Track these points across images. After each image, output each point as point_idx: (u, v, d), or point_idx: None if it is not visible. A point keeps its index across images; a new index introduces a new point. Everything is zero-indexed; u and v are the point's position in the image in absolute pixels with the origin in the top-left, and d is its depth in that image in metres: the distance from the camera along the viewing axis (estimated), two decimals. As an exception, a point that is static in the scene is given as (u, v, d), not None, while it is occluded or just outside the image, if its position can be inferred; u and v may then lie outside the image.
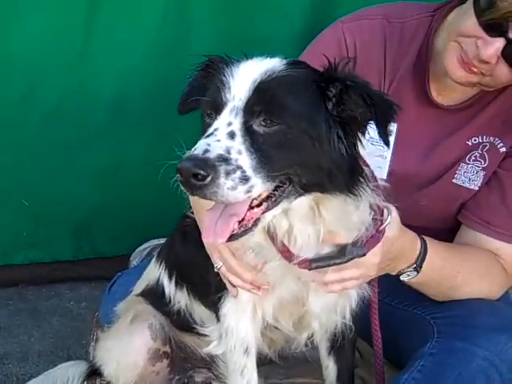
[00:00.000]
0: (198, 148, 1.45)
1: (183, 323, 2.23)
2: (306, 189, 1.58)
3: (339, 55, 2.19)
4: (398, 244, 1.84)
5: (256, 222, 1.56)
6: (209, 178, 1.41)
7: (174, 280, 2.22)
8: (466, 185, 2.18)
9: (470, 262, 2.08)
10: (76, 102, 3.19)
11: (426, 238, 1.96)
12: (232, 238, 1.54)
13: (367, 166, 1.68)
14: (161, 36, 3.17)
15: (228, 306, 1.90)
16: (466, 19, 1.96)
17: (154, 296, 2.29)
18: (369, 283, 1.92)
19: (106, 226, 3.45)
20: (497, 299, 2.14)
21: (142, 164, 3.33)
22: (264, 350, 2.07)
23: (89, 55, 3.14)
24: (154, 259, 2.38)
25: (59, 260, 3.46)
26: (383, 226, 1.73)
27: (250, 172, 1.47)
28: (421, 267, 1.95)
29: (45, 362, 2.87)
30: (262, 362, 2.09)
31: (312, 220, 1.65)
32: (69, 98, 3.18)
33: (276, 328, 1.97)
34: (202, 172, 1.41)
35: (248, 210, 1.54)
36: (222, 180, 1.42)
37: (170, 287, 2.23)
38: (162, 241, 3.24)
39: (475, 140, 2.17)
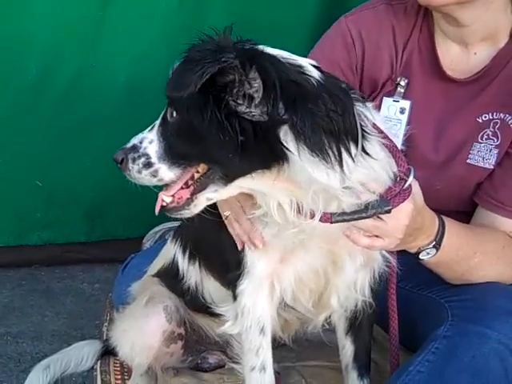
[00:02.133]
0: (131, 140, 1.70)
1: (196, 303, 2.22)
2: (228, 178, 1.62)
3: (346, 49, 2.24)
4: (422, 215, 1.82)
5: (188, 200, 1.68)
6: (122, 165, 1.69)
7: (187, 254, 2.22)
8: (481, 164, 2.15)
9: (487, 242, 2.07)
10: (90, 84, 3.24)
11: (443, 217, 1.94)
12: (168, 211, 1.72)
13: (382, 134, 1.64)
14: (174, 20, 3.20)
15: (245, 284, 1.88)
16: None
17: (169, 276, 2.29)
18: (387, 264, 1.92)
19: (120, 208, 3.50)
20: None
21: None
22: (278, 334, 2.06)
23: (103, 38, 3.19)
24: (169, 239, 2.37)
25: (72, 241, 3.51)
26: (408, 183, 1.69)
27: (154, 159, 1.64)
28: (440, 244, 1.93)
29: (58, 342, 2.91)
30: (275, 346, 2.06)
31: (293, 190, 1.62)
32: (83, 80, 3.23)
33: (292, 309, 1.96)
34: (117, 158, 1.70)
35: (181, 189, 1.67)
36: (129, 165, 1.67)
37: (183, 263, 2.23)
38: (175, 224, 3.24)
39: (485, 117, 2.15)
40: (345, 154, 1.55)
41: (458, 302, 2.02)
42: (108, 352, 2.44)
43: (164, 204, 1.71)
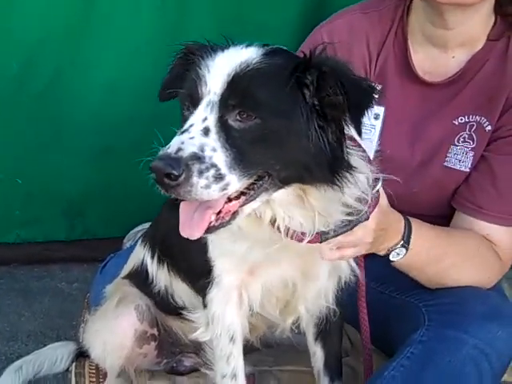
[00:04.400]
0: (172, 146, 1.43)
1: (167, 306, 2.21)
2: (284, 182, 1.55)
3: None
4: (387, 215, 1.82)
5: (234, 214, 1.55)
6: (181, 178, 1.40)
7: (155, 258, 2.20)
8: (457, 167, 2.17)
9: (459, 243, 2.07)
10: (71, 82, 3.19)
11: (409, 217, 1.93)
12: (209, 230, 1.53)
13: (359, 145, 1.64)
14: (159, 21, 3.16)
15: (214, 292, 1.88)
16: None
17: (139, 278, 2.27)
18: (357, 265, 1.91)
19: (100, 207, 3.44)
20: (490, 288, 2.11)
21: (136, 146, 3.15)
22: (245, 337, 2.03)
23: (86, 36, 3.14)
24: (139, 241, 2.36)
25: (52, 240, 3.47)
26: (375, 190, 1.70)
27: (224, 170, 1.45)
28: (408, 243, 1.92)
29: (34, 342, 2.88)
30: (247, 350, 2.06)
31: (302, 207, 1.62)
32: (64, 78, 3.18)
33: (258, 314, 1.95)
34: (174, 172, 1.39)
35: (226, 202, 1.52)
36: (195, 179, 1.41)
37: (152, 266, 2.21)
38: None
39: (461, 119, 2.17)
40: (344, 172, 1.57)
41: (436, 307, 2.00)
42: (83, 354, 2.40)
43: (212, 223, 1.51)
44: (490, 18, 2.14)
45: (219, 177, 1.44)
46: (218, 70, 1.52)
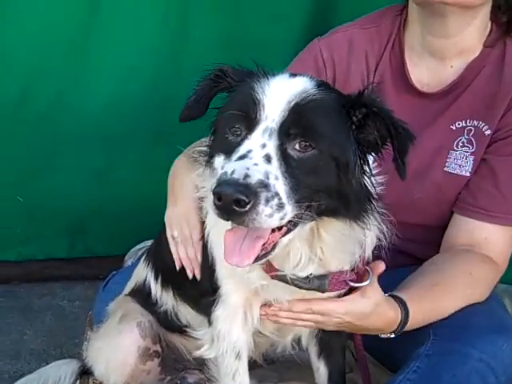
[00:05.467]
0: (237, 171, 1.41)
1: (170, 324, 2.21)
2: (320, 214, 1.58)
3: (316, 72, 2.28)
4: (371, 323, 1.85)
5: (275, 245, 1.55)
6: (249, 205, 1.39)
7: (159, 281, 2.20)
8: (457, 171, 2.19)
9: (454, 292, 2.04)
10: (73, 100, 3.18)
11: (405, 300, 1.91)
12: (256, 260, 1.53)
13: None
14: (160, 38, 3.17)
15: (220, 310, 1.89)
16: None
17: (142, 295, 2.28)
18: None
19: (101, 225, 3.42)
20: (489, 296, 2.11)
21: (138, 164, 3.33)
22: (249, 354, 2.03)
23: (87, 54, 3.14)
24: (142, 258, 2.36)
25: (53, 258, 3.44)
26: (356, 285, 1.77)
27: (284, 199, 1.45)
28: (400, 332, 1.93)
29: (37, 360, 2.84)
30: (251, 366, 2.05)
31: (309, 239, 1.65)
32: (66, 96, 3.17)
33: (260, 333, 1.96)
34: (245, 199, 1.38)
35: (270, 233, 1.53)
36: (261, 207, 1.40)
37: (155, 288, 2.22)
38: None
39: (459, 124, 2.19)
40: (372, 212, 1.64)
41: (440, 321, 2.00)
42: (87, 371, 2.38)
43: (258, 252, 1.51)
44: (486, 26, 2.18)
45: (281, 206, 1.44)
46: (277, 96, 1.52)
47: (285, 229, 1.53)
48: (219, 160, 1.58)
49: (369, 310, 1.81)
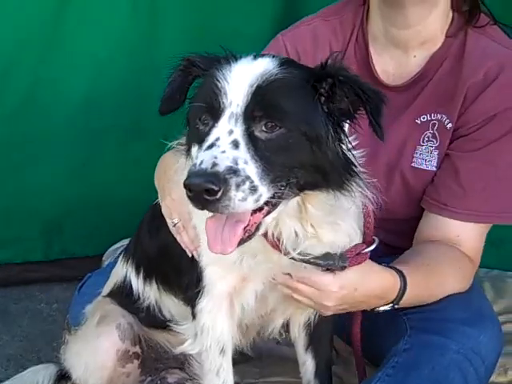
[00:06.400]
0: (205, 161, 1.43)
1: (153, 320, 2.19)
2: (301, 189, 1.59)
3: None
4: (368, 287, 1.85)
5: (258, 226, 1.57)
6: (220, 192, 1.40)
7: (141, 274, 2.18)
8: (423, 166, 2.19)
9: (446, 278, 2.06)
10: (47, 95, 3.15)
11: (404, 272, 1.92)
12: (239, 244, 1.54)
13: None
14: (131, 32, 3.14)
15: (204, 302, 1.87)
16: None
17: (122, 295, 2.25)
18: None
19: (78, 226, 3.39)
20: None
21: (113, 160, 3.30)
22: (237, 342, 2.01)
23: (59, 51, 3.10)
24: (120, 257, 2.34)
25: (30, 260, 3.40)
26: (368, 249, 1.77)
27: (257, 181, 1.47)
28: (398, 304, 1.93)
29: (14, 366, 2.82)
30: (237, 360, 2.03)
31: (298, 216, 1.66)
32: (39, 91, 3.14)
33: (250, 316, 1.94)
34: (213, 187, 1.40)
35: (251, 214, 1.54)
36: (232, 193, 1.43)
37: (137, 283, 2.20)
38: None
39: (424, 118, 2.19)
40: (354, 178, 1.65)
41: (417, 314, 2.00)
42: (65, 376, 2.35)
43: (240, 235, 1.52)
44: (447, 15, 2.17)
45: (253, 189, 1.45)
46: (238, 81, 1.54)
47: (266, 208, 1.54)
48: (194, 150, 1.61)
49: (361, 274, 1.80)
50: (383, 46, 2.23)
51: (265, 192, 1.48)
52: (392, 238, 2.27)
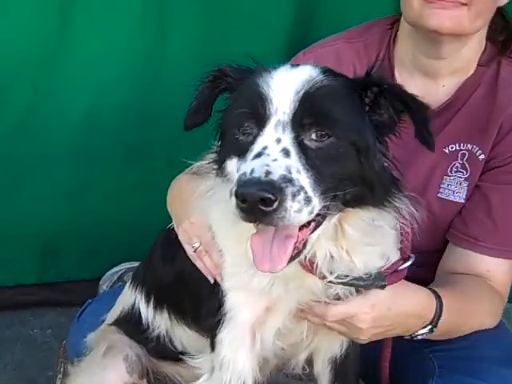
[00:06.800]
0: (256, 170, 1.36)
1: (163, 351, 2.10)
2: (346, 204, 1.52)
3: None
4: (403, 306, 1.78)
5: (305, 243, 1.50)
6: (276, 203, 1.33)
7: (152, 303, 2.10)
8: (451, 198, 2.14)
9: (478, 306, 2.00)
10: (45, 115, 3.06)
11: (440, 293, 1.86)
12: (288, 262, 1.46)
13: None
14: (136, 49, 3.06)
15: (225, 332, 1.76)
16: None
17: (129, 324, 2.17)
18: None
19: (74, 248, 3.29)
20: None
21: (112, 183, 3.21)
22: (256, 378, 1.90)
23: (60, 65, 3.01)
24: (127, 284, 2.26)
25: (23, 284, 3.29)
26: (404, 266, 1.70)
27: (310, 192, 1.40)
28: (436, 325, 1.85)
29: (7, 397, 2.71)
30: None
31: (334, 236, 1.59)
32: (37, 111, 3.05)
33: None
34: (271, 196, 1.33)
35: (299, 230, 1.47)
36: (289, 203, 1.35)
37: (147, 311, 2.12)
38: (135, 264, 3.15)
39: (452, 147, 2.15)
40: (396, 196, 1.62)
41: (445, 352, 1.94)
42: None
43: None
44: (481, 44, 2.14)
45: (308, 200, 1.38)
46: (284, 88, 1.48)
47: (313, 224, 1.47)
48: (232, 163, 1.52)
49: (393, 292, 1.73)
50: (410, 73, 2.18)
51: (317, 204, 1.41)
52: (413, 270, 2.19)
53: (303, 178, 1.38)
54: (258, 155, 1.39)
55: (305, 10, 3.11)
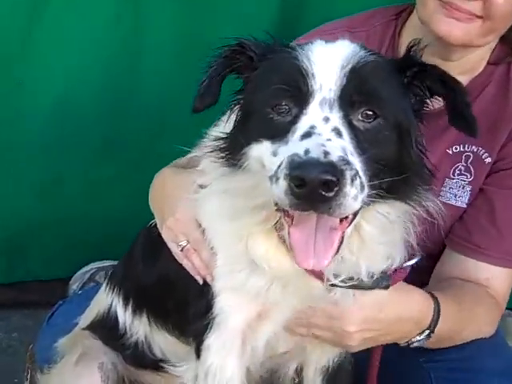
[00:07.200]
0: (313, 150, 1.23)
1: (141, 359, 2.01)
2: (381, 195, 1.39)
3: None
4: (396, 308, 1.69)
5: (343, 237, 1.38)
6: (337, 187, 1.21)
7: (130, 306, 2.00)
8: (452, 202, 2.07)
9: (476, 313, 1.93)
10: (14, 106, 2.93)
11: (437, 296, 1.78)
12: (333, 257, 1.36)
13: None
14: (111, 37, 2.94)
15: (213, 338, 1.66)
16: None
17: (105, 329, 2.07)
18: None
19: (43, 246, 3.17)
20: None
21: (83, 178, 3.10)
22: None
23: (31, 53, 2.88)
24: (103, 285, 2.16)
25: (-13, 283, 3.17)
26: (408, 264, 1.60)
27: (363, 178, 1.28)
28: (434, 331, 1.77)
29: (-32, 406, 2.60)
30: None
31: (348, 234, 1.46)
32: (5, 101, 2.91)
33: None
34: (334, 179, 1.20)
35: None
36: (348, 188, 1.23)
37: (124, 316, 2.02)
38: (107, 263, 3.11)
39: (456, 148, 2.07)
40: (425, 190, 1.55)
41: (441, 363, 1.87)
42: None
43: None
44: (492, 46, 2.06)
45: (362, 186, 1.27)
46: (328, 63, 1.37)
47: (351, 217, 1.35)
48: (261, 147, 1.38)
49: (385, 293, 1.62)
50: None
51: (366, 192, 1.29)
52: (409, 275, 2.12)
53: (357, 162, 1.27)
54: (307, 135, 1.28)
55: (290, 9, 3.01)
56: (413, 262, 1.62)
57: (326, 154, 1.21)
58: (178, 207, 1.77)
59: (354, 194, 1.23)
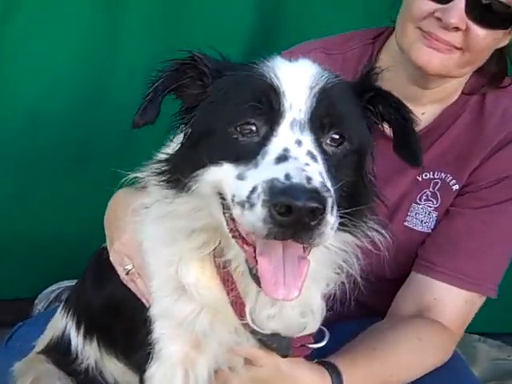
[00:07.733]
0: (295, 175, 1.16)
1: None
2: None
3: None
4: (295, 377, 1.66)
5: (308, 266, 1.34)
6: (321, 216, 1.15)
7: (82, 330, 1.95)
8: (419, 228, 2.07)
9: (396, 357, 1.88)
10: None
11: (337, 364, 1.74)
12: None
13: None
14: (85, 48, 2.90)
15: (154, 368, 1.62)
16: (412, 5, 1.90)
17: (58, 353, 2.02)
18: None
19: (8, 264, 3.11)
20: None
21: (52, 194, 3.05)
22: None
23: (2, 65, 2.84)
24: (60, 307, 2.11)
25: None
26: (314, 346, 1.60)
27: (335, 205, 1.23)
28: None
29: None
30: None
31: None
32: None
33: None
34: (320, 206, 1.15)
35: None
36: (329, 216, 1.17)
37: (77, 340, 1.97)
38: (74, 283, 2.95)
39: (426, 175, 2.08)
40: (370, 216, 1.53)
41: None
42: None
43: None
44: (467, 76, 2.07)
45: (336, 215, 1.21)
46: (296, 82, 1.32)
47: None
48: (220, 171, 1.30)
49: (282, 361, 1.59)
50: None
51: (337, 221, 1.23)
52: (372, 299, 2.07)
53: (331, 189, 1.21)
54: (283, 158, 1.22)
55: (266, 20, 3.01)
56: (319, 345, 1.60)
57: (309, 179, 1.16)
58: (125, 230, 1.73)
59: (332, 223, 1.17)
